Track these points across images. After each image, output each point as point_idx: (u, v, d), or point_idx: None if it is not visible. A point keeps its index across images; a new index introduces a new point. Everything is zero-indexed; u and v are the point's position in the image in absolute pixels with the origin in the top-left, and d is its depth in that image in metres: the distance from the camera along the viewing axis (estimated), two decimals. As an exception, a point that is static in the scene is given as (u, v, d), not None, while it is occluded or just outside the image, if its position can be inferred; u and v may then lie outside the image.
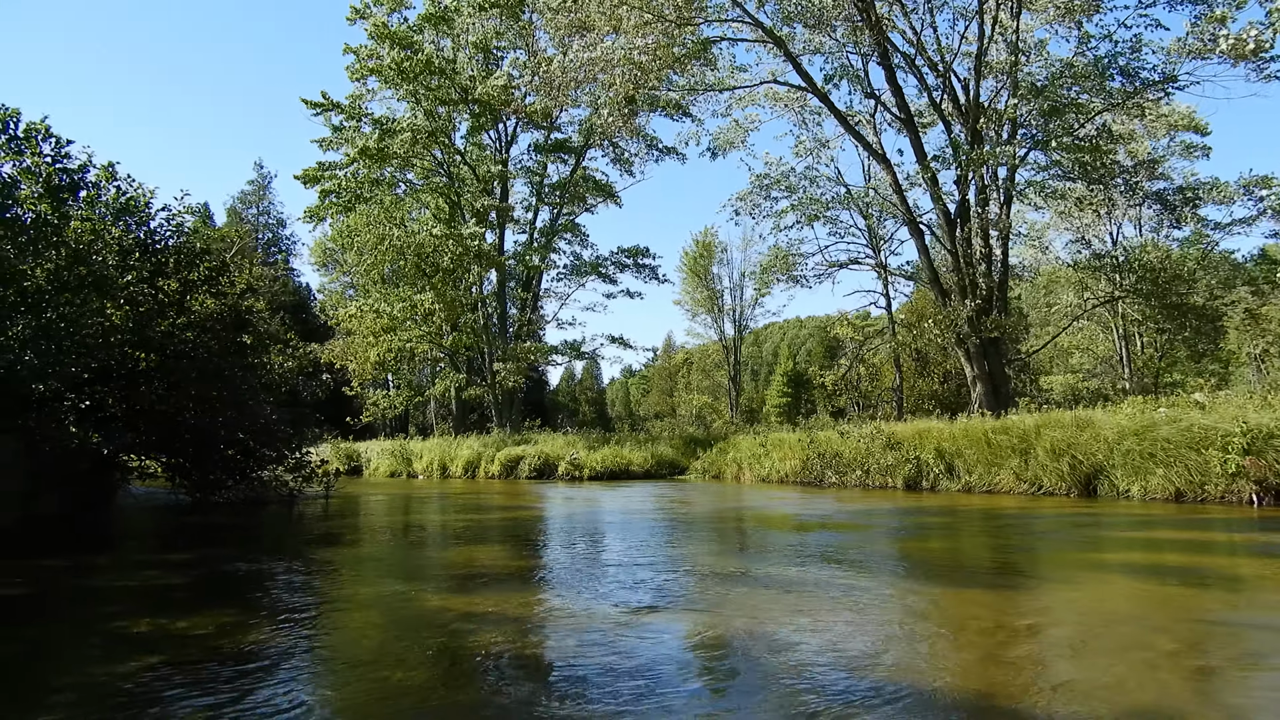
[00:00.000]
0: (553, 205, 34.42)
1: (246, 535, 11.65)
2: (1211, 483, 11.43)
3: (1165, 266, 24.70)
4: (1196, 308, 23.03)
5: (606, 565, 8.03)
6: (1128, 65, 21.88)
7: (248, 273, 16.40)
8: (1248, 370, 46.25)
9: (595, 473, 24.08)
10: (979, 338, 21.78)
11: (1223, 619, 5.34)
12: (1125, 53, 21.40)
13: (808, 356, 75.86)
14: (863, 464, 17.59)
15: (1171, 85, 21.78)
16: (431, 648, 4.85)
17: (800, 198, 26.75)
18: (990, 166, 22.08)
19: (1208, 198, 23.82)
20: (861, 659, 4.43)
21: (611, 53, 22.11)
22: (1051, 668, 4.33)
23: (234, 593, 6.90)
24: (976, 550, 8.76)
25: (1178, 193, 23.90)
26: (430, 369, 40.60)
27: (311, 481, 16.46)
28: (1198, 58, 21.47)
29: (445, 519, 13.60)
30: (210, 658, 4.62)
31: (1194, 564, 7.49)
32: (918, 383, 35.74)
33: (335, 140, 32.52)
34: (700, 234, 47.76)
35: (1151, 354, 36.71)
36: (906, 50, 22.72)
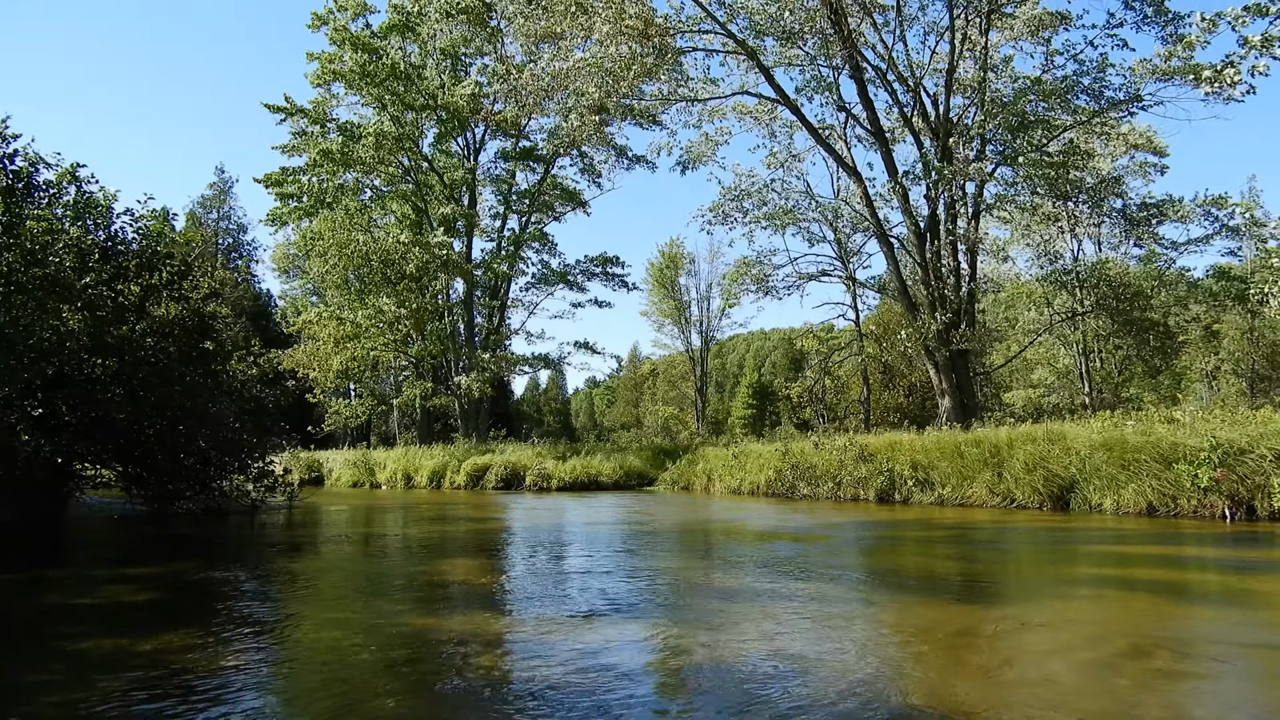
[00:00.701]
0: (521, 213, 34.16)
1: (209, 547, 11.23)
2: (1184, 497, 11.53)
3: (1126, 283, 25.12)
4: (1156, 324, 23.40)
5: (575, 577, 7.84)
6: (1092, 84, 22.29)
7: (211, 277, 15.88)
8: (1200, 386, 47.34)
9: (564, 483, 23.82)
10: (948, 350, 21.93)
11: (1188, 632, 5.30)
12: (1091, 71, 21.79)
13: (772, 369, 76.19)
14: (835, 476, 17.56)
15: (1135, 105, 22.18)
16: (403, 669, 4.61)
17: (772, 209, 26.78)
18: (959, 181, 22.29)
19: (1170, 214, 24.28)
20: (829, 673, 4.30)
21: (583, 63, 22.00)
22: (1017, 681, 4.24)
23: (200, 609, 6.57)
24: (953, 564, 8.70)
25: (1142, 208, 24.32)
26: (394, 378, 40.05)
27: (274, 492, 16.00)
28: (1160, 79, 21.93)
29: (412, 531, 13.25)
30: (178, 679, 4.35)
31: (1170, 579, 7.49)
32: (883, 395, 36.01)
33: (299, 146, 31.98)
34: (667, 245, 47.80)
35: (1110, 370, 37.36)
36: (878, 64, 22.89)
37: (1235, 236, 34.93)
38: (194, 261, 14.94)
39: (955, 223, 22.74)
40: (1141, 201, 24.90)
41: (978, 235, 23.56)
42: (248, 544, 11.77)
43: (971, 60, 22.67)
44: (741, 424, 60.94)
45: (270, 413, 16.06)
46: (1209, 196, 29.07)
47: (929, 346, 22.23)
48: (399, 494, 24.63)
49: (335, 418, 35.06)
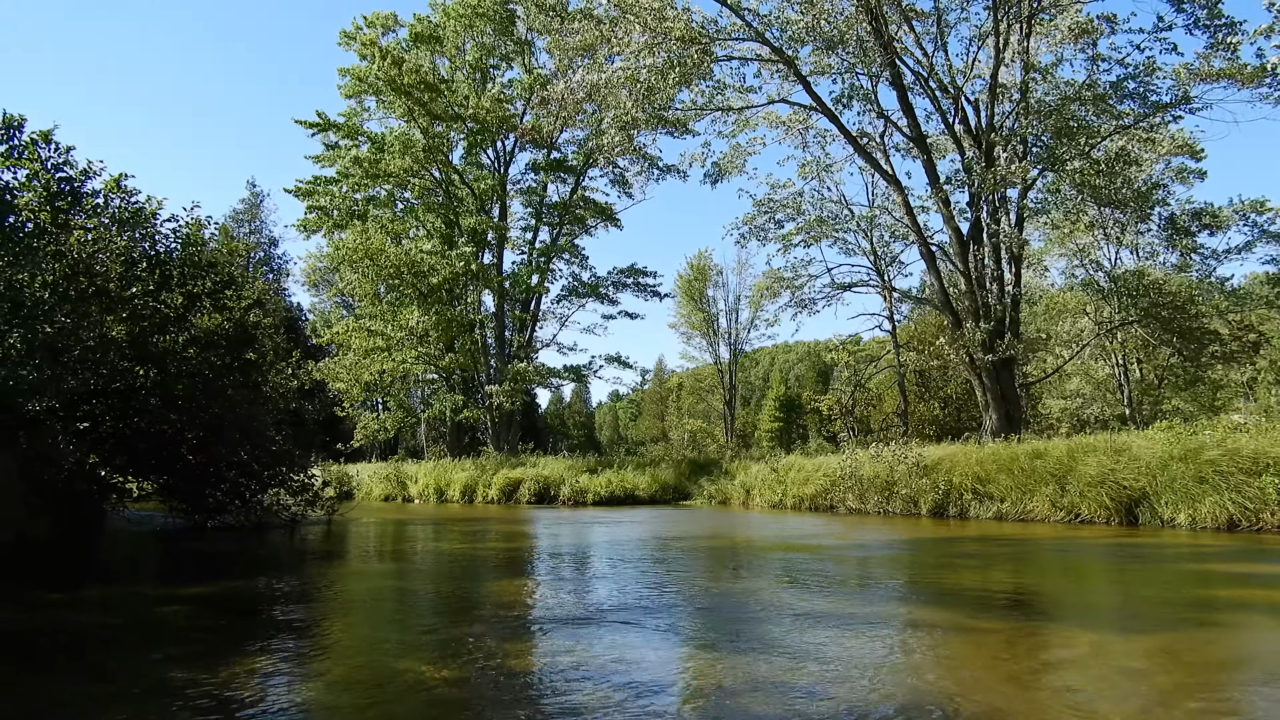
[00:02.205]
0: (552, 226, 33.99)
1: (253, 564, 10.97)
2: (1268, 510, 11.01)
3: (1175, 291, 24.56)
4: (1210, 332, 22.81)
5: (669, 609, 7.45)
6: (1138, 89, 21.84)
7: (254, 286, 15.72)
8: (1239, 399, 46.37)
9: (599, 498, 23.46)
10: (993, 360, 21.42)
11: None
12: (1139, 75, 21.33)
13: (797, 382, 75.65)
14: (885, 490, 17.09)
15: (1183, 107, 21.71)
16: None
17: (807, 219, 26.42)
18: (1004, 187, 21.85)
19: (1222, 222, 23.72)
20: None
21: (619, 74, 21.79)
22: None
23: (249, 632, 6.26)
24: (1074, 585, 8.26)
25: (1193, 217, 23.78)
26: (423, 391, 39.86)
27: (315, 506, 15.73)
28: (1208, 81, 21.46)
29: (458, 548, 12.89)
30: (224, 710, 4.02)
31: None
32: (918, 407, 35.39)
33: (330, 157, 32.00)
34: (695, 257, 47.54)
35: (1150, 380, 36.61)
36: (918, 71, 22.53)
37: (1277, 242, 34.25)
38: (237, 271, 14.77)
39: (999, 229, 22.30)
40: (1192, 209, 24.34)
41: (1022, 241, 23.07)
42: (293, 561, 11.49)
43: (1016, 65, 22.25)
44: (769, 437, 60.43)
45: (310, 425, 15.82)
46: (1247, 201, 28.50)
47: (973, 356, 21.75)
48: (432, 508, 24.34)
49: (364, 431, 34.87)
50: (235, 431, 13.49)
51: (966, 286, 22.48)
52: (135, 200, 12.56)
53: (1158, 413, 34.46)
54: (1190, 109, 21.71)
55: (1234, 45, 20.12)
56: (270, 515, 14.95)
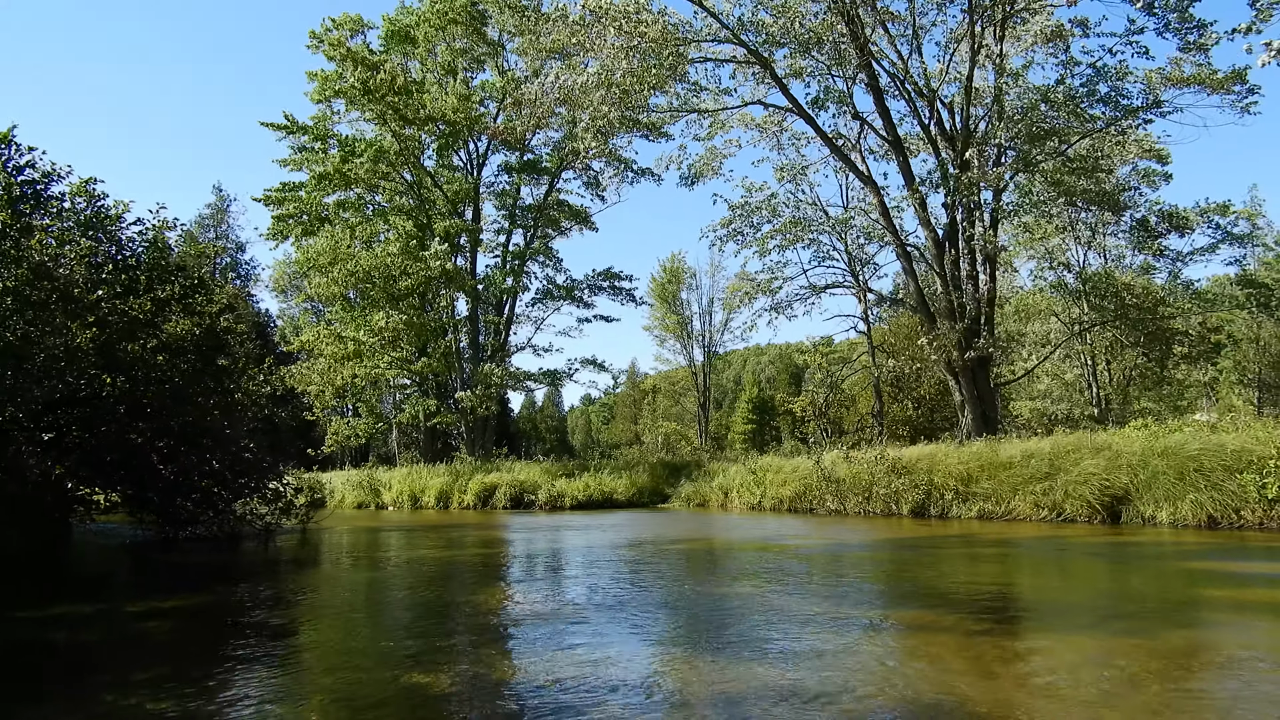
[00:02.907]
0: (526, 228, 33.68)
1: (233, 575, 10.63)
2: (1248, 508, 11.09)
3: (1147, 292, 24.89)
4: (1181, 332, 23.11)
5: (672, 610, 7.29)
6: (1109, 94, 22.10)
7: (224, 290, 15.31)
8: (1202, 399, 47.24)
9: (577, 501, 23.26)
10: (969, 361, 21.54)
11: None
12: (1110, 78, 21.57)
13: (769, 384, 75.85)
14: (865, 490, 17.07)
15: (1154, 111, 22.00)
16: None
17: (783, 222, 26.40)
18: (978, 189, 21.98)
19: (1193, 223, 24.04)
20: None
21: (594, 77, 21.62)
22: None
23: (243, 649, 5.99)
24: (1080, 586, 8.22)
25: (1163, 218, 24.09)
26: (394, 396, 39.37)
27: (289, 515, 15.36)
28: (1179, 86, 21.76)
29: (439, 555, 12.62)
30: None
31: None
32: (891, 407, 35.56)
33: (298, 160, 31.47)
34: (668, 259, 47.49)
35: (1119, 380, 37.10)
36: (893, 74, 22.61)
37: (1240, 245, 34.86)
38: (207, 275, 14.38)
39: (974, 230, 22.43)
40: (1160, 210, 24.66)
41: (996, 243, 23.23)
42: (269, 571, 11.17)
43: (989, 69, 22.41)
44: (742, 439, 60.45)
45: (283, 432, 15.46)
46: (1213, 205, 28.95)
47: (949, 357, 21.86)
48: (406, 515, 23.99)
49: (335, 438, 34.29)
50: (207, 439, 13.12)
51: (943, 287, 22.58)
52: (102, 204, 12.17)
53: (1127, 413, 34.95)
54: (1161, 113, 22.02)
55: (1205, 46, 20.40)
56: (243, 525, 14.57)
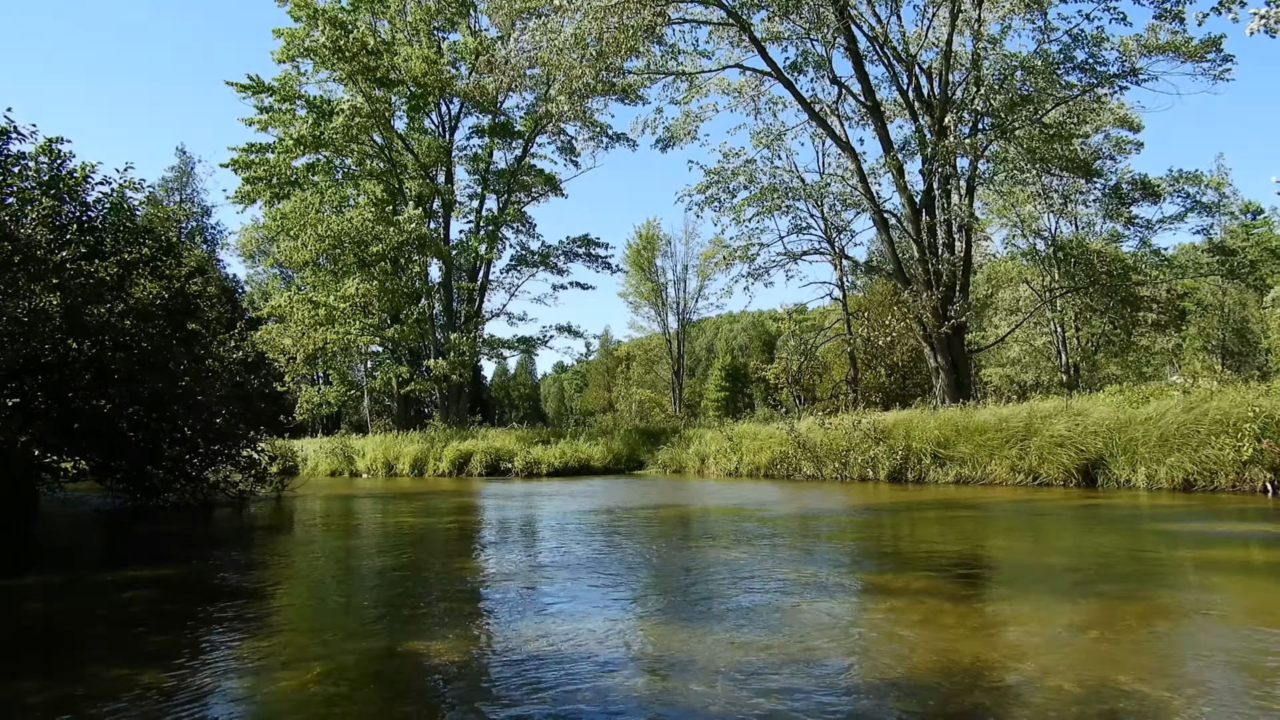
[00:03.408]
0: (499, 193, 33.19)
1: (207, 544, 10.44)
2: (1222, 471, 11.26)
3: (1119, 259, 25.16)
4: (1154, 299, 23.42)
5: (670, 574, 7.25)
6: (1085, 61, 22.10)
7: (193, 254, 14.89)
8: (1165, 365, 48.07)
9: (554, 468, 23.24)
10: (945, 328, 21.65)
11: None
12: (1087, 45, 21.56)
13: (742, 351, 76.03)
14: (842, 456, 17.16)
15: (1129, 79, 22.05)
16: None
17: (761, 188, 26.27)
18: (955, 157, 21.97)
19: (1165, 191, 24.26)
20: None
21: (569, 37, 21.21)
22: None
23: (220, 621, 5.82)
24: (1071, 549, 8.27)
25: (1136, 185, 24.27)
26: (365, 364, 38.95)
27: (263, 482, 15.13)
28: (1152, 54, 21.81)
29: (422, 522, 12.47)
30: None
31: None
32: (865, 374, 35.79)
33: (264, 121, 30.69)
34: (643, 226, 47.22)
35: (1088, 346, 37.58)
36: (872, 37, 22.42)
37: (1209, 214, 35.33)
38: (174, 238, 13.98)
39: (949, 198, 22.46)
40: (1132, 178, 24.85)
41: (972, 211, 23.30)
42: (245, 540, 10.98)
43: (967, 34, 22.29)
44: (715, 406, 60.67)
45: (256, 398, 15.18)
46: (1183, 173, 29.23)
47: (925, 323, 21.96)
48: (381, 483, 23.82)
49: (306, 405, 33.90)
50: (178, 406, 12.84)
51: (919, 254, 22.63)
52: (68, 164, 11.73)
53: (1094, 379, 35.47)
54: (1137, 80, 22.07)
55: (1181, 14, 20.42)
56: (216, 493, 14.34)
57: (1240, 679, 3.86)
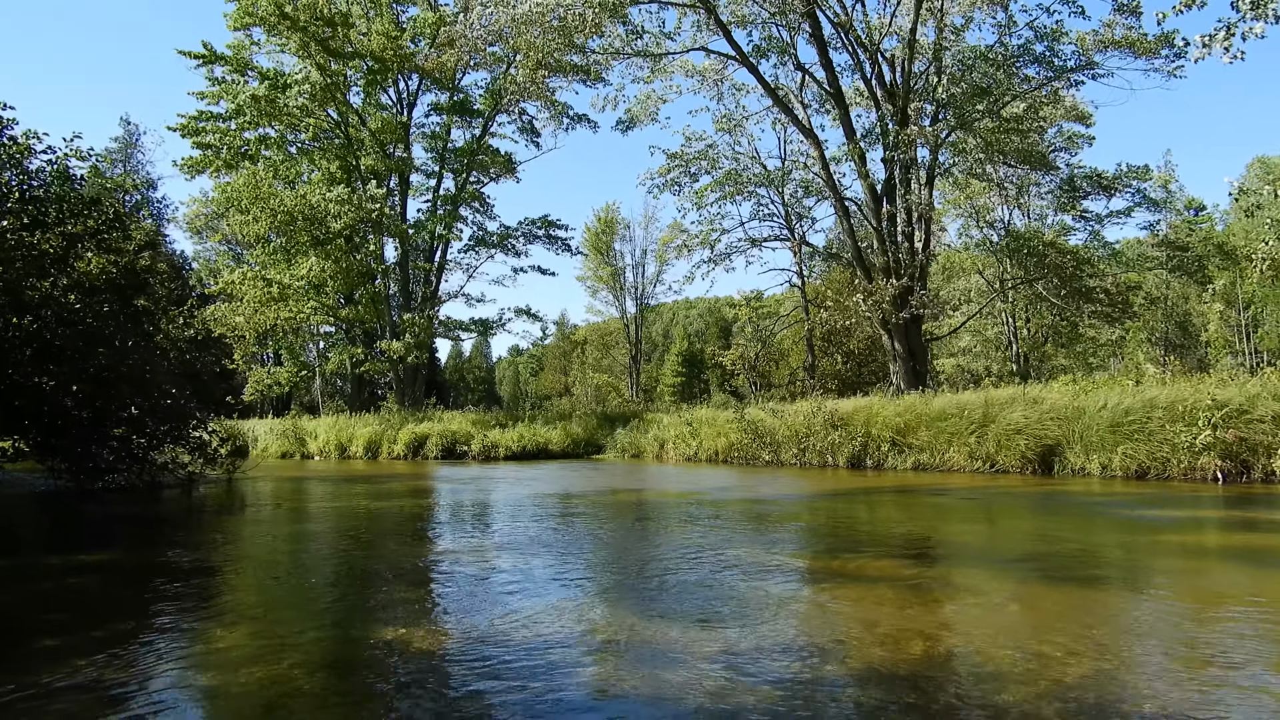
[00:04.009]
0: (457, 172, 32.59)
1: (154, 528, 10.10)
2: (1175, 459, 11.51)
3: (1075, 251, 25.60)
4: (1105, 290, 23.88)
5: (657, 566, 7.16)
6: (1044, 54, 22.39)
7: (143, 227, 14.32)
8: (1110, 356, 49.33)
9: (511, 452, 23.01)
10: (903, 316, 21.85)
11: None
12: (1047, 38, 21.83)
13: (698, 337, 76.24)
14: (800, 442, 17.23)
15: (1086, 73, 22.40)
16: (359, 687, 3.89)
17: (723, 174, 26.21)
18: (916, 147, 22.12)
19: (1122, 184, 24.69)
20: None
21: (535, 11, 20.87)
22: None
23: (167, 607, 5.61)
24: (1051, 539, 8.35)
25: (1090, 179, 24.68)
26: (317, 344, 38.18)
27: (214, 464, 14.71)
28: (1108, 49, 22.16)
29: (378, 506, 12.23)
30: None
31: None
32: (822, 361, 36.08)
33: (216, 93, 29.71)
34: (602, 210, 46.94)
35: (1038, 337, 38.38)
36: (837, 23, 22.42)
37: (1157, 209, 36.11)
38: (124, 210, 13.45)
39: (910, 188, 22.63)
40: (1085, 172, 25.25)
41: (931, 201, 23.52)
42: (194, 523, 10.67)
43: (929, 24, 22.42)
44: (671, 391, 60.77)
45: (207, 377, 14.72)
46: (1133, 168, 29.83)
47: (885, 313, 22.13)
48: (334, 465, 23.39)
49: (256, 385, 33.10)
50: (125, 385, 12.38)
51: (879, 243, 22.78)
52: (9, 131, 11.17)
53: (1043, 369, 36.22)
54: (1093, 75, 22.43)
55: (1137, 10, 20.77)
56: (165, 474, 13.90)
57: (1171, 651, 4.06)
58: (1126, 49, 21.97)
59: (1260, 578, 5.76)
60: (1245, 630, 4.37)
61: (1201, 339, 48.37)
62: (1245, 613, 4.77)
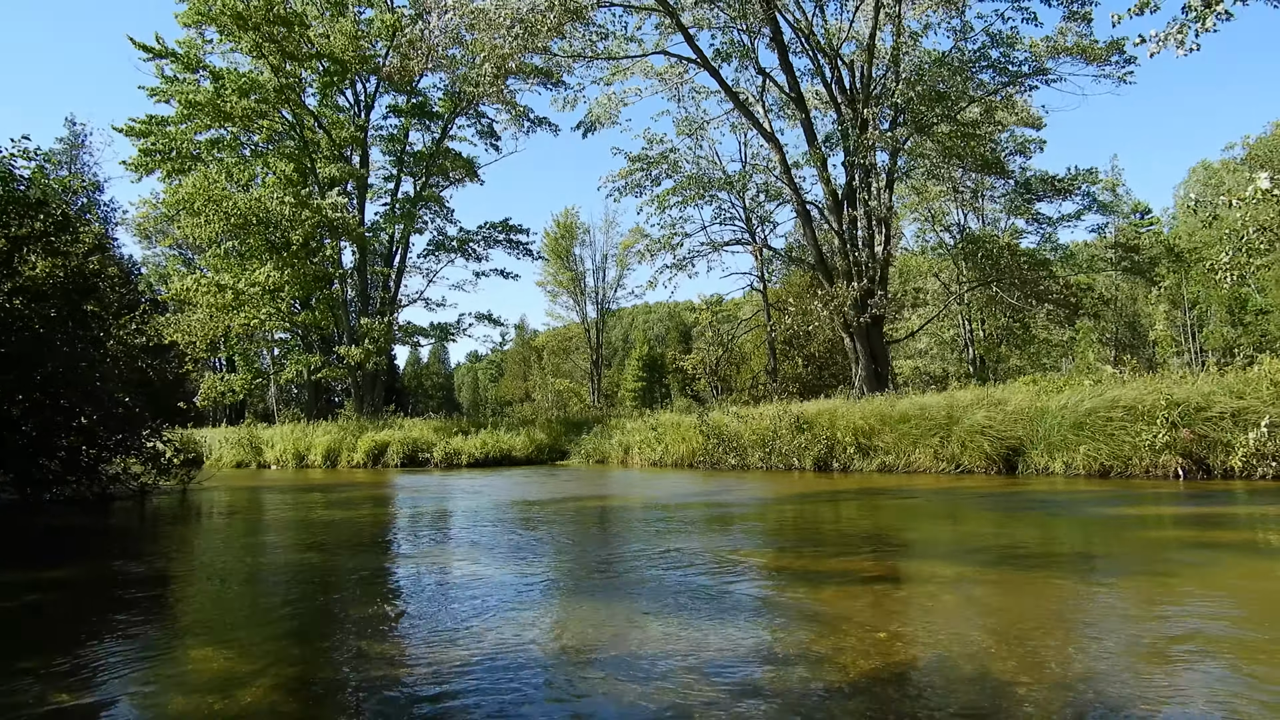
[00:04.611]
0: (416, 176, 32.19)
1: (104, 542, 9.72)
2: (1137, 457, 11.70)
3: (1028, 255, 26.03)
4: (1057, 292, 24.30)
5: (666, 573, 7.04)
6: (998, 60, 22.79)
7: (92, 230, 13.83)
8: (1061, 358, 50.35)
9: (474, 459, 22.75)
10: (865, 319, 22.01)
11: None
12: (1001, 44, 22.20)
13: (659, 341, 76.31)
14: (766, 445, 17.24)
15: (1038, 79, 22.83)
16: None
17: (684, 177, 26.20)
18: (875, 151, 22.33)
19: (1076, 186, 25.16)
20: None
21: (497, 13, 20.68)
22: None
23: (116, 627, 5.39)
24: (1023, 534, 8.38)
25: (1044, 183, 25.12)
26: (271, 351, 37.39)
27: (168, 474, 14.26)
28: (1060, 55, 22.60)
29: (336, 516, 11.92)
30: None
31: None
32: (783, 365, 36.26)
33: (168, 91, 28.98)
34: (562, 214, 46.73)
35: (993, 339, 39.01)
36: (798, 28, 22.58)
37: (1106, 212, 37.00)
38: (72, 212, 12.98)
39: (870, 191, 22.82)
40: (1039, 176, 25.70)
41: (891, 204, 23.75)
42: (146, 537, 10.29)
43: (888, 29, 22.66)
44: (632, 396, 60.73)
45: (161, 386, 14.28)
46: (1082, 171, 30.51)
47: (846, 315, 22.26)
48: (291, 474, 22.89)
49: (209, 393, 32.29)
50: (74, 392, 11.94)
51: (840, 246, 22.94)
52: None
53: (998, 370, 36.82)
54: (1046, 80, 22.87)
55: (1088, 17, 21.23)
56: (116, 485, 13.44)
57: (1122, 640, 4.19)
58: (1078, 55, 22.42)
59: (1205, 570, 5.87)
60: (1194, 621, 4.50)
61: (1150, 338, 49.58)
62: (1192, 605, 4.90)
